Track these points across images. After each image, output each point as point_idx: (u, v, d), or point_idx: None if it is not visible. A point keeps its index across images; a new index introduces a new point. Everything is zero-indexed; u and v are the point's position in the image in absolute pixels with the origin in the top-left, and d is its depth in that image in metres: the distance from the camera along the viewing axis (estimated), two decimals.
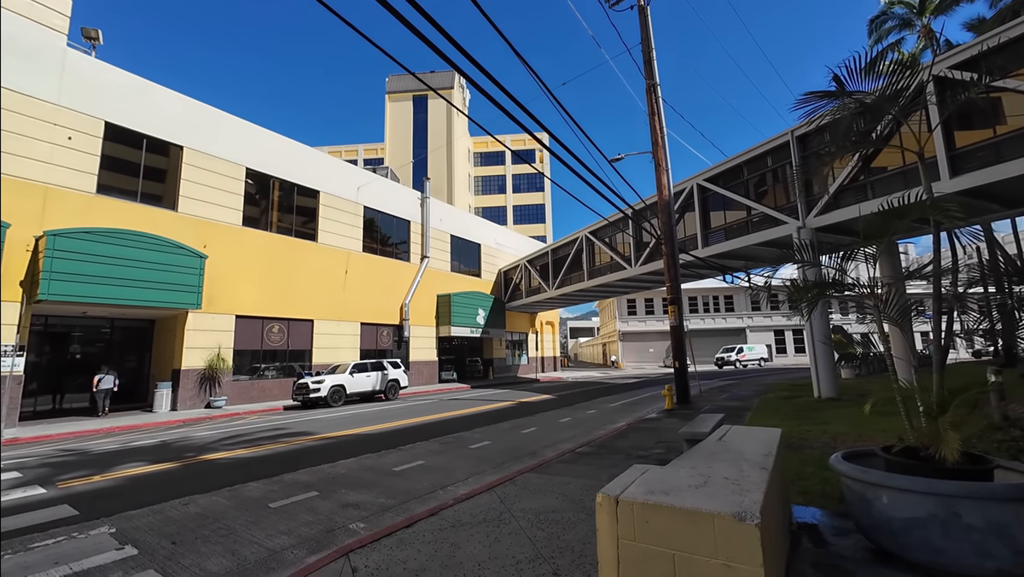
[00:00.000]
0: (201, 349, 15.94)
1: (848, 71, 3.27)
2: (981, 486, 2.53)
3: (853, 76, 3.28)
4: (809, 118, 3.76)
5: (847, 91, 3.39)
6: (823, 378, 11.80)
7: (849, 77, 3.30)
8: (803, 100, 3.59)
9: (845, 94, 3.42)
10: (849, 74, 3.28)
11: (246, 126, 18.28)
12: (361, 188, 22.48)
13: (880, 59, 3.58)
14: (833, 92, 3.47)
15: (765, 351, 38.41)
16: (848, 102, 3.37)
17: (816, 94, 3.61)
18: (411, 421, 11.29)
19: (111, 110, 14.51)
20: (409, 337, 23.89)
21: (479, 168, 58.31)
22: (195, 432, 10.57)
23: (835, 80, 3.31)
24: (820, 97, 3.61)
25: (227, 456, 7.51)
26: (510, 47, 6.18)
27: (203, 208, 16.43)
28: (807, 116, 3.69)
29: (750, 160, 14.41)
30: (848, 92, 3.39)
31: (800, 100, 3.59)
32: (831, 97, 3.54)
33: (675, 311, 12.75)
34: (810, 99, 3.61)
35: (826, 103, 3.60)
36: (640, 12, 13.95)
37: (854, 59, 3.18)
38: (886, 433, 6.25)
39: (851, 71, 3.26)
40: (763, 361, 36.74)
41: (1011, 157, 8.93)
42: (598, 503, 2.37)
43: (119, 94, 14.77)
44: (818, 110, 3.68)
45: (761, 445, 3.39)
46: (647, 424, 9.29)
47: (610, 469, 5.75)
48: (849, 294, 4.04)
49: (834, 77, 3.27)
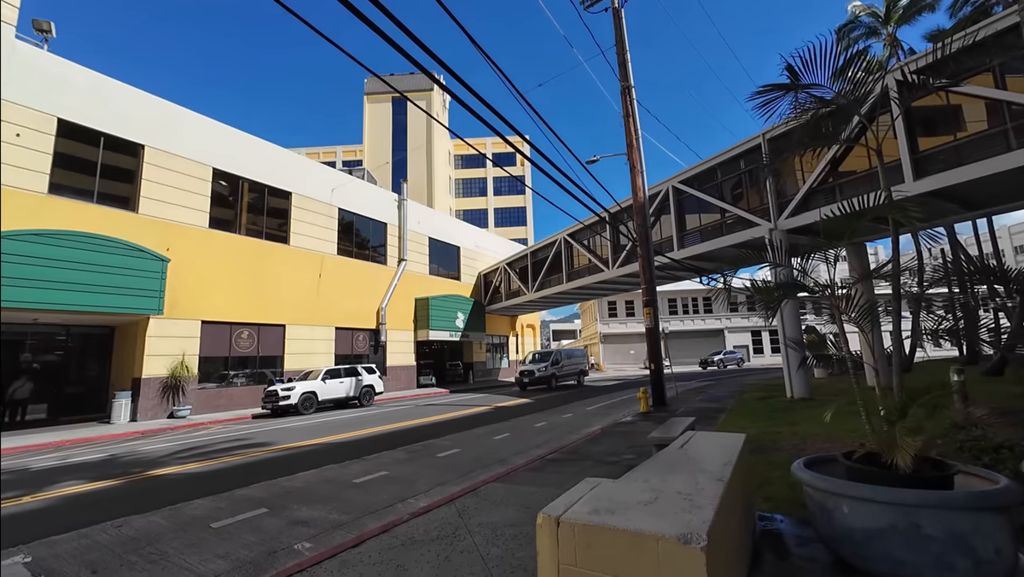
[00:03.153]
0: (164, 356, 15.25)
1: (803, 62, 3.17)
2: (940, 495, 2.42)
3: (809, 67, 3.18)
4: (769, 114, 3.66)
5: (801, 84, 3.29)
6: (795, 379, 11.90)
7: (804, 68, 3.20)
8: (758, 92, 3.49)
9: (800, 86, 3.32)
10: (804, 65, 3.18)
11: (213, 125, 17.66)
12: (336, 190, 21.98)
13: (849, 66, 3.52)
14: (788, 85, 3.37)
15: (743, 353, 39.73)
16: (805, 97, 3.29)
17: (771, 87, 3.51)
18: (382, 428, 10.94)
19: (65, 106, 13.80)
20: (386, 341, 23.41)
21: (460, 171, 58.00)
22: (149, 445, 10.03)
23: (788, 71, 3.20)
24: (774, 89, 3.51)
25: (177, 471, 7.08)
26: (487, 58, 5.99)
27: (166, 209, 15.77)
28: (763, 107, 3.60)
29: (723, 163, 14.53)
30: (803, 85, 3.30)
31: (755, 92, 3.49)
32: (786, 90, 3.45)
33: (651, 313, 12.71)
34: (765, 91, 3.51)
35: (781, 95, 3.51)
36: (615, 14, 13.95)
37: (809, 49, 3.08)
38: (854, 434, 6.23)
39: (806, 62, 3.16)
40: (741, 362, 37.68)
41: (971, 160, 9.14)
42: (539, 524, 2.18)
43: (74, 89, 14.06)
44: (773, 102, 3.58)
45: (722, 453, 3.25)
46: (621, 428, 9.17)
47: (577, 477, 5.55)
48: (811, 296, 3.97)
49: (787, 67, 3.17)
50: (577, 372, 24.22)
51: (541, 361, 22.48)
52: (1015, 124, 8.75)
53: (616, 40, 13.84)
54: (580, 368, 24.57)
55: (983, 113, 9.42)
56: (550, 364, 21.99)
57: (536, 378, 21.41)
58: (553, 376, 21.78)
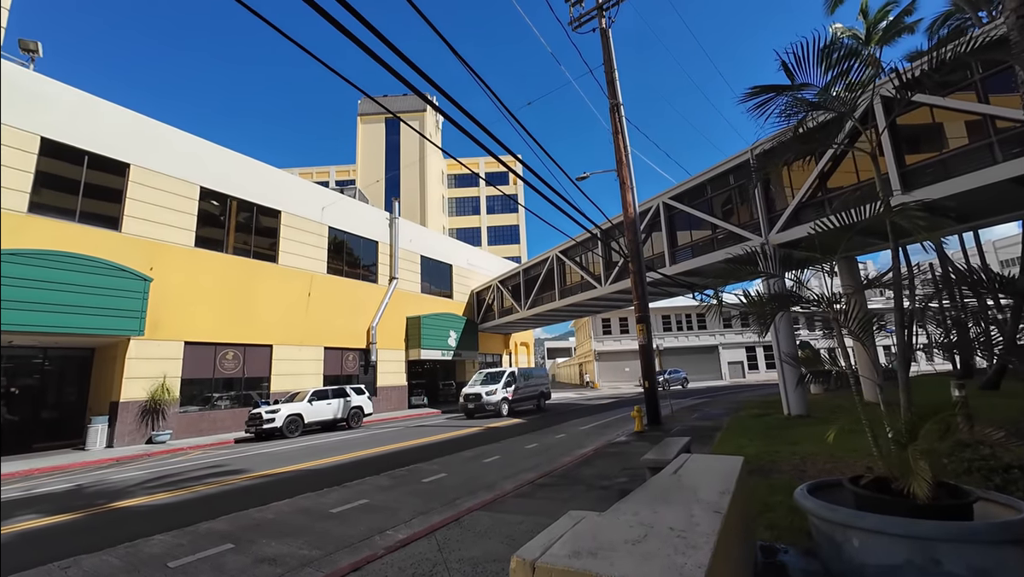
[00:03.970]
0: (144, 379, 14.74)
1: (797, 58, 3.05)
2: (961, 527, 2.18)
3: (803, 64, 3.06)
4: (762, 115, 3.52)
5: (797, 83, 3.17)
6: (792, 395, 11.66)
7: (798, 65, 3.08)
8: (751, 93, 3.37)
9: (796, 87, 3.20)
10: (798, 61, 3.06)
11: (201, 144, 17.54)
12: (326, 208, 21.83)
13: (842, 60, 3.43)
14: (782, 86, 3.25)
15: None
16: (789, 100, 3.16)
17: (764, 87, 3.39)
18: (367, 452, 10.51)
19: (48, 124, 13.63)
20: (377, 361, 22.95)
21: (453, 189, 58.28)
22: (121, 473, 9.52)
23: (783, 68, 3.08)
24: (768, 90, 3.39)
25: (143, 502, 6.65)
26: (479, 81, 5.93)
27: (151, 228, 15.49)
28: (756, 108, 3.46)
29: (713, 178, 14.57)
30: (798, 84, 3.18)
31: (748, 93, 3.37)
32: (780, 91, 3.33)
33: (643, 330, 12.50)
34: (758, 92, 3.38)
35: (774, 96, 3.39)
36: (602, 34, 14.13)
37: (802, 45, 2.96)
38: (857, 454, 5.99)
39: (799, 58, 3.04)
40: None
41: (958, 172, 9.16)
42: (512, 569, 1.90)
43: (58, 108, 13.92)
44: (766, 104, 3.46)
45: (719, 479, 2.99)
46: (615, 449, 8.84)
47: (567, 503, 5.26)
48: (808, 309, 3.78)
49: (782, 64, 3.05)
50: (537, 395, 20.82)
51: (491, 382, 18.80)
52: (1000, 137, 8.80)
53: (604, 59, 13.99)
54: (540, 390, 21.21)
55: (964, 130, 9.54)
56: (502, 386, 18.44)
57: (482, 404, 17.82)
58: (504, 401, 18.16)
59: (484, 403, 17.77)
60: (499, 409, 17.89)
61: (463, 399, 18.54)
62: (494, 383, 18.61)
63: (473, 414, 17.95)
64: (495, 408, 17.87)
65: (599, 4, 14.20)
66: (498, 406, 17.94)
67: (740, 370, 44.08)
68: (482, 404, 17.78)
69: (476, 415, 17.93)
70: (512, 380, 19.20)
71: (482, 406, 17.78)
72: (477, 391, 18.15)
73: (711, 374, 43.25)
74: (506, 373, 19.37)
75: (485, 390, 18.05)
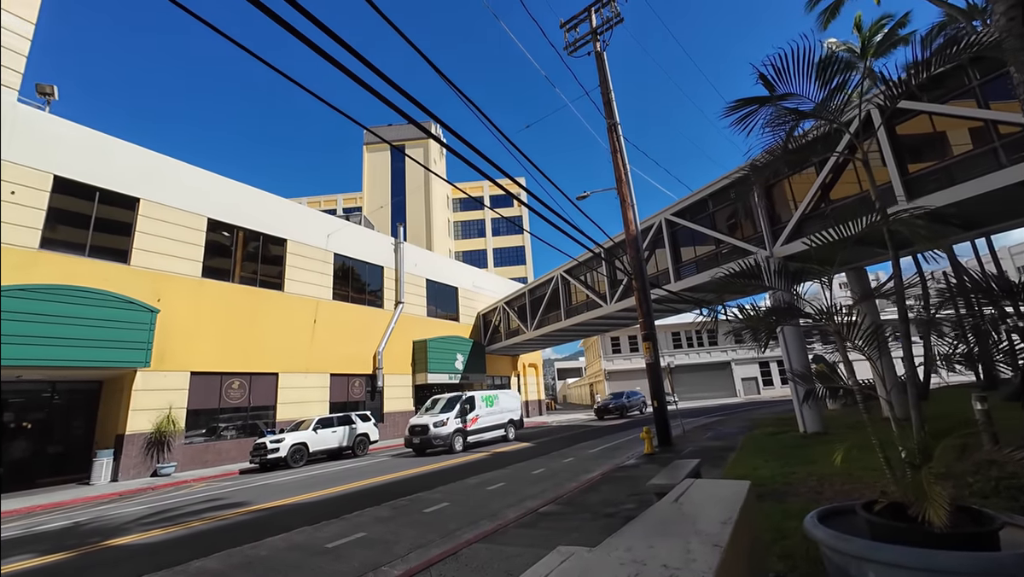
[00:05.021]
0: (149, 411, 14.71)
1: (776, 70, 2.98)
2: (986, 559, 1.98)
3: (783, 75, 3.00)
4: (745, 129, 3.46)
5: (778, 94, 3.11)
6: (807, 412, 11.26)
7: (778, 77, 3.02)
8: (731, 108, 3.30)
9: (776, 97, 3.13)
10: (778, 73, 3.00)
11: (208, 176, 17.94)
12: (331, 235, 22.09)
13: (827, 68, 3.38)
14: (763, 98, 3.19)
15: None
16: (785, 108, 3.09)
17: (746, 100, 3.33)
18: (370, 481, 10.27)
19: (62, 163, 14.06)
20: (383, 387, 22.78)
21: (458, 213, 58.93)
22: (121, 508, 9.36)
23: (762, 80, 3.01)
24: (749, 103, 3.33)
25: (137, 539, 6.48)
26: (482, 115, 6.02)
27: (159, 260, 15.73)
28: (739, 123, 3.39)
29: (714, 193, 14.51)
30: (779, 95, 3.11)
31: (729, 108, 3.30)
32: (761, 103, 3.26)
33: (650, 348, 12.26)
34: (739, 106, 3.32)
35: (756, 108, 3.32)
36: (597, 57, 14.39)
37: (781, 56, 2.90)
38: (876, 473, 5.67)
39: (779, 70, 2.98)
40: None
41: (963, 179, 9.00)
42: None
43: (72, 147, 14.37)
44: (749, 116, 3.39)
45: (722, 508, 2.80)
46: (623, 473, 8.53)
47: (571, 533, 5.02)
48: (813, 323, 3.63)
49: (760, 76, 2.98)
50: (503, 424, 17.51)
51: (445, 410, 15.65)
52: (1003, 142, 8.67)
53: (600, 81, 14.20)
54: (509, 418, 17.88)
55: (968, 137, 9.42)
56: (455, 415, 15.43)
57: (429, 437, 14.68)
58: (459, 433, 15.27)
59: (432, 436, 14.70)
60: (451, 443, 14.95)
61: (408, 432, 15.58)
62: (447, 411, 15.52)
63: (423, 450, 14.94)
64: (446, 443, 14.85)
65: (593, 29, 14.52)
66: (450, 440, 14.94)
67: (754, 386, 43.03)
68: (429, 437, 14.72)
69: (427, 451, 14.96)
70: (469, 407, 16.15)
71: (429, 440, 14.71)
72: (424, 422, 15.09)
73: (725, 391, 42.28)
74: (461, 399, 16.19)
75: (433, 421, 14.97)
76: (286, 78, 3.93)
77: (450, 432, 15.02)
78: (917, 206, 9.12)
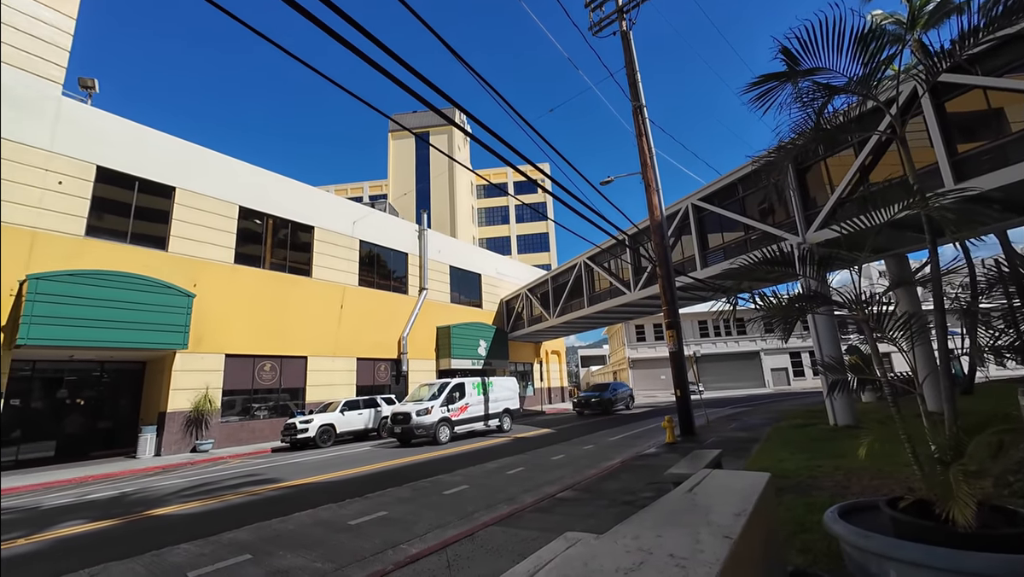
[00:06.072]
0: (188, 390, 15.51)
1: (803, 43, 2.78)
2: (1015, 562, 1.87)
3: (809, 49, 2.80)
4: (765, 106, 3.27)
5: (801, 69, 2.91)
6: (838, 404, 10.87)
7: (804, 50, 2.82)
8: (754, 84, 3.12)
9: (803, 72, 2.94)
10: (804, 46, 2.80)
11: (240, 165, 18.46)
12: (357, 222, 22.46)
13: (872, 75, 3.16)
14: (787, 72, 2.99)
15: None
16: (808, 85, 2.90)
17: (769, 76, 3.14)
18: (393, 463, 10.57)
19: (104, 154, 14.72)
20: (408, 371, 23.25)
21: (482, 200, 58.90)
22: (163, 481, 9.97)
23: (784, 54, 2.82)
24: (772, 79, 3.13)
25: (177, 510, 6.90)
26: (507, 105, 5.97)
27: (194, 247, 16.38)
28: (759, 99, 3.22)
29: (744, 177, 13.97)
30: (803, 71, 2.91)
31: (751, 84, 3.12)
32: (787, 77, 3.07)
33: (673, 336, 12.04)
34: (762, 82, 3.14)
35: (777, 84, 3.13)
36: (623, 37, 13.93)
37: (808, 28, 2.70)
38: (907, 469, 5.44)
39: (805, 43, 2.78)
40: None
41: (1017, 160, 8.35)
42: None
43: (113, 139, 15.02)
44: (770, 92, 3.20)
45: (737, 499, 2.74)
46: (643, 461, 8.48)
47: (587, 519, 5.04)
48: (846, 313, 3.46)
49: (782, 50, 2.78)
50: (498, 413, 16.51)
51: (430, 398, 14.70)
52: None
53: (626, 62, 13.78)
54: (504, 407, 16.83)
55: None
56: (440, 404, 14.43)
57: (411, 427, 13.73)
58: (444, 422, 14.22)
59: (414, 425, 13.72)
60: (435, 434, 13.89)
61: (390, 420, 14.98)
62: (431, 400, 14.55)
63: (408, 440, 14.01)
64: (429, 433, 13.84)
65: (619, 7, 14.04)
66: (434, 429, 13.88)
67: (784, 377, 41.87)
68: (412, 427, 13.75)
69: (411, 441, 14.01)
70: (457, 395, 15.20)
71: (412, 430, 13.75)
72: (406, 410, 14.21)
73: (753, 381, 41.31)
74: (449, 386, 15.14)
75: (416, 409, 14.03)
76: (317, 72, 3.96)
77: (434, 421, 13.98)
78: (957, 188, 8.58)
